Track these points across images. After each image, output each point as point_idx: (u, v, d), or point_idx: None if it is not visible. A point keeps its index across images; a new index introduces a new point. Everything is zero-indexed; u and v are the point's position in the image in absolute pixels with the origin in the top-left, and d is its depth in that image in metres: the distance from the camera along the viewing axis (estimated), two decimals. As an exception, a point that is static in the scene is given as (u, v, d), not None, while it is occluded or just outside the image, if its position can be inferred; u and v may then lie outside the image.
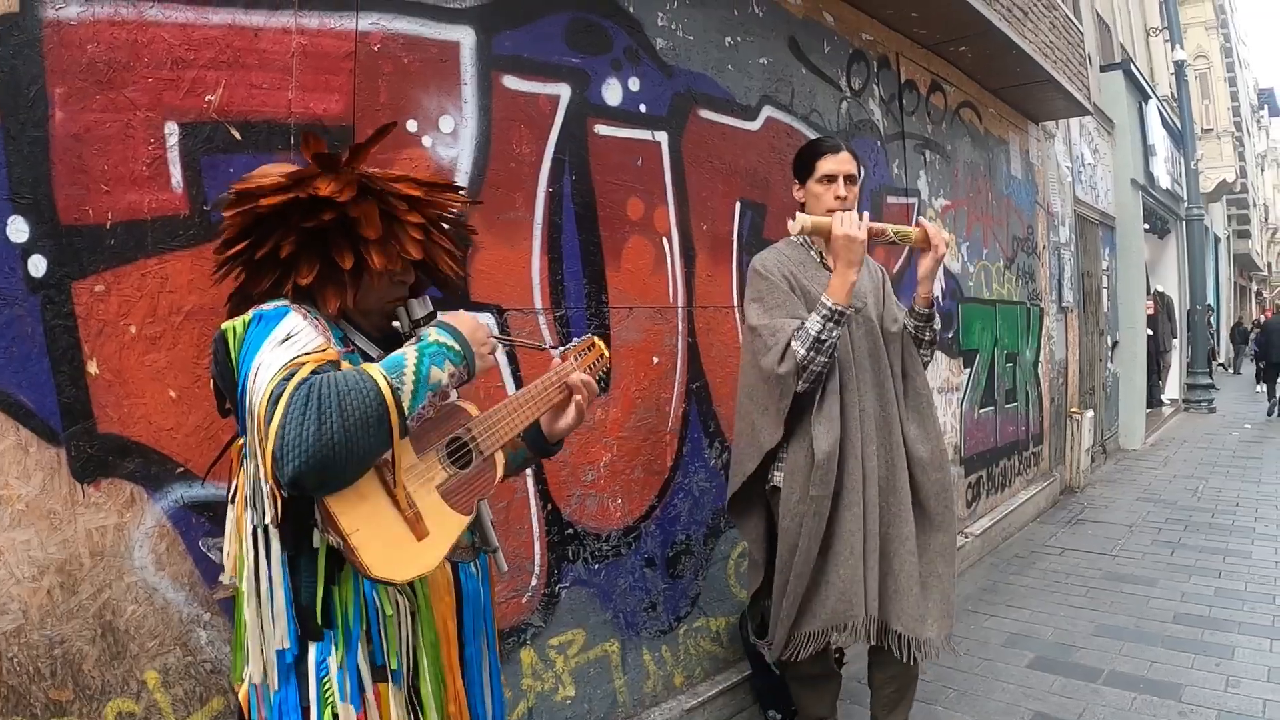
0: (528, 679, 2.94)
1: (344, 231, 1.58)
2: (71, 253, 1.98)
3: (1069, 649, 4.37)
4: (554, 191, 3.02)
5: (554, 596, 3.03)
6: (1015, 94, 6.98)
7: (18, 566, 1.87)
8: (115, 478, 2.00)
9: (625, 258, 3.28)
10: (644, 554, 3.37)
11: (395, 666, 1.57)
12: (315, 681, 1.49)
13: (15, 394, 1.87)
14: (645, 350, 3.36)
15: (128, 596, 2.02)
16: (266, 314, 1.51)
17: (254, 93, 2.27)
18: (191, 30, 2.17)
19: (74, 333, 1.97)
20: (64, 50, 1.99)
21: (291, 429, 1.31)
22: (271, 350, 1.43)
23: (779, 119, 4.13)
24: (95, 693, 1.99)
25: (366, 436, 1.36)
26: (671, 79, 3.49)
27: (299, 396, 1.33)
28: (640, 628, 3.36)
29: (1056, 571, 5.80)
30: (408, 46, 2.60)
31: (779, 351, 2.68)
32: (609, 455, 3.22)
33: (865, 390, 2.83)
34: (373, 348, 1.68)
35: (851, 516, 2.76)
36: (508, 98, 2.87)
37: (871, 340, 2.88)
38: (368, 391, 1.38)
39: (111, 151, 2.05)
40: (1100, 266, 10.19)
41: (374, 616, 1.55)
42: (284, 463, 1.31)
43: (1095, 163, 9.93)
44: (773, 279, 2.83)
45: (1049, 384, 8.10)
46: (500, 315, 2.83)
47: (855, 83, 4.82)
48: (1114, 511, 7.52)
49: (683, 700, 3.48)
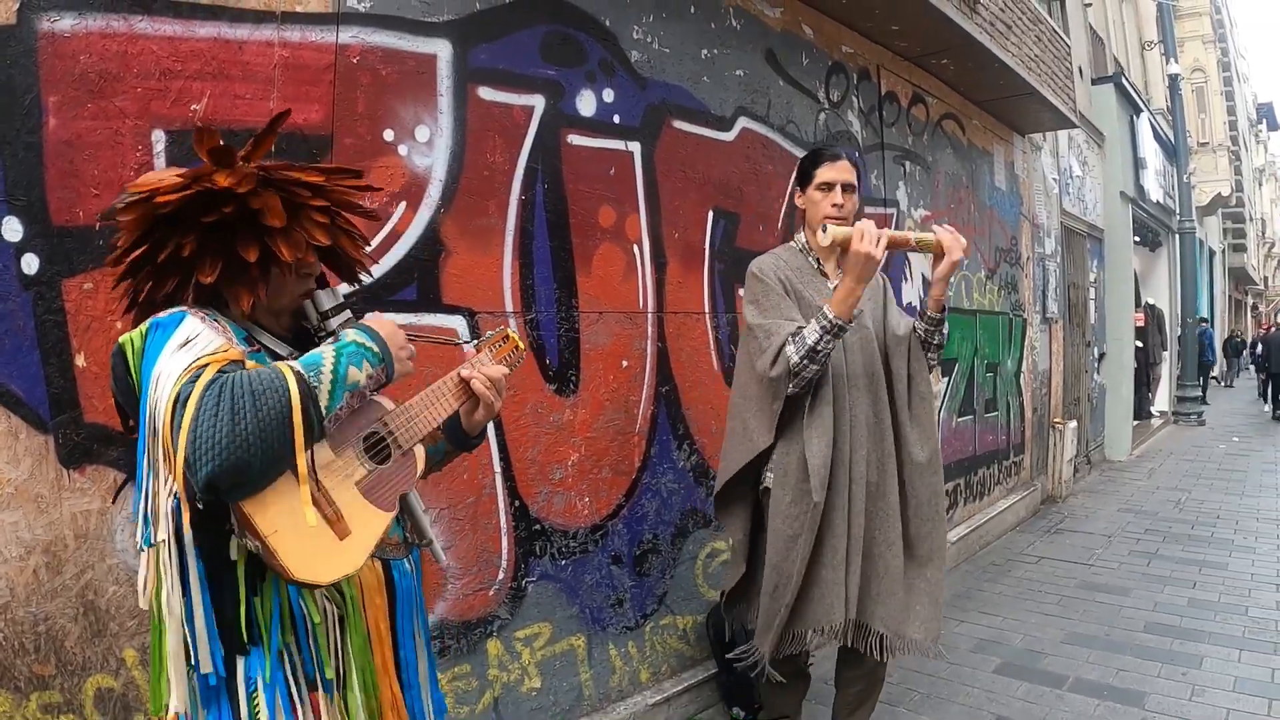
0: (494, 669, 3.09)
1: (247, 225, 1.53)
2: (62, 252, 2.15)
3: (1037, 655, 4.48)
4: (526, 199, 3.18)
5: (521, 590, 3.19)
6: (1000, 106, 7.14)
7: (5, 546, 2.04)
8: (100, 464, 2.17)
9: (596, 264, 3.44)
10: (611, 551, 3.53)
11: (329, 676, 1.54)
12: (245, 699, 1.45)
13: (7, 384, 2.04)
14: (614, 354, 3.52)
15: (109, 577, 2.19)
16: (162, 321, 1.46)
17: (238, 103, 2.44)
18: (179, 43, 2.35)
19: (63, 327, 2.14)
20: (58, 61, 2.16)
21: (204, 430, 1.28)
22: (171, 356, 1.39)
23: (754, 130, 4.30)
24: (76, 668, 2.15)
25: (282, 436, 1.34)
26: (646, 90, 3.66)
27: (210, 397, 1.30)
28: (607, 623, 3.51)
29: (1031, 580, 5.93)
30: (386, 59, 2.77)
31: (772, 355, 2.73)
32: (577, 455, 3.38)
33: (857, 397, 2.88)
34: (281, 346, 1.66)
35: (837, 519, 2.82)
36: (483, 108, 3.04)
37: (865, 347, 2.93)
38: (282, 390, 1.36)
39: (101, 157, 2.22)
40: (1087, 278, 10.34)
41: (301, 626, 1.51)
42: (198, 466, 1.28)
43: (1084, 175, 10.10)
44: (768, 282, 2.88)
45: (1031, 394, 8.27)
46: (471, 317, 2.99)
47: (834, 94, 4.99)
48: (1094, 522, 7.65)
49: (648, 695, 3.63)
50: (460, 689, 2.99)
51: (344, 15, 2.67)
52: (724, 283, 4.09)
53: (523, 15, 3.17)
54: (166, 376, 1.36)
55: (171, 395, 1.32)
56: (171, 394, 1.33)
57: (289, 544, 1.37)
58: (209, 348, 1.40)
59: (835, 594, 2.83)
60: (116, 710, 2.21)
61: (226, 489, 1.32)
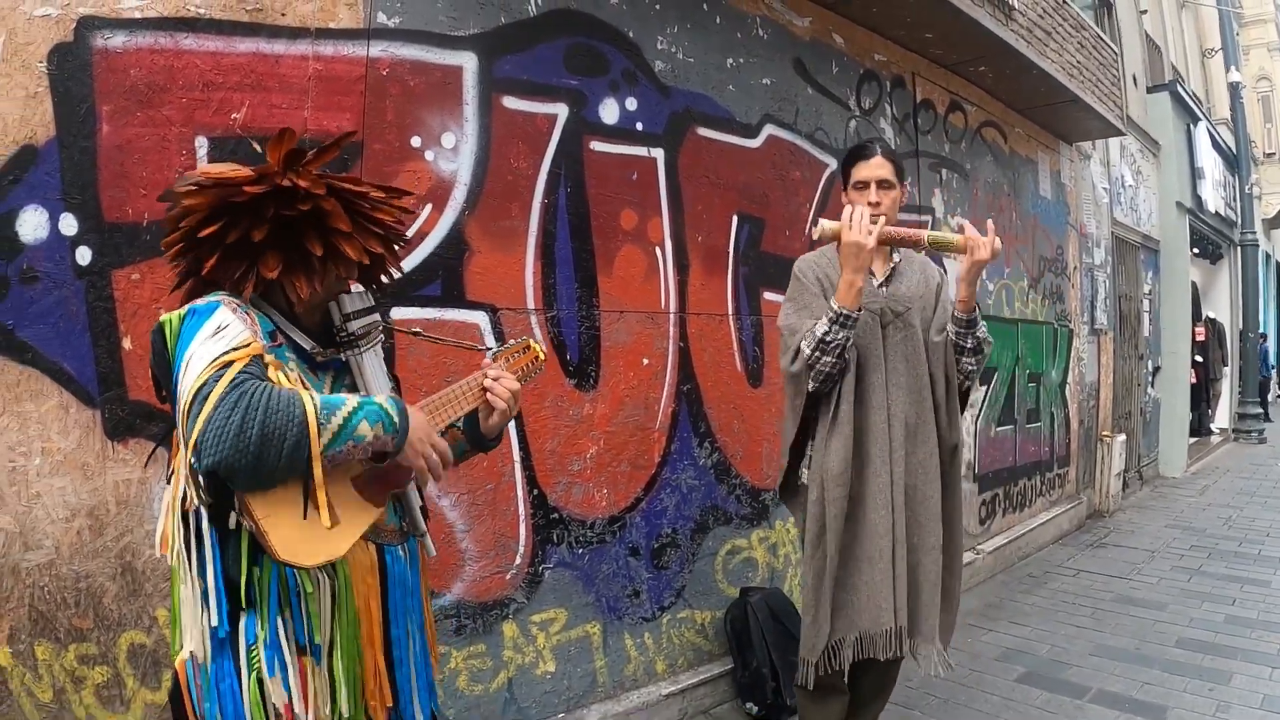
0: (509, 651, 3.28)
1: (312, 224, 1.71)
2: (113, 246, 2.41)
3: (1062, 666, 4.49)
4: (549, 202, 3.39)
5: (538, 576, 3.37)
6: (1043, 114, 7.17)
7: (54, 509, 2.31)
8: (141, 438, 2.43)
9: (618, 265, 3.63)
10: (628, 543, 3.70)
11: (317, 642, 1.68)
12: (245, 648, 1.62)
13: (60, 362, 2.31)
14: (635, 352, 3.70)
15: (146, 542, 2.44)
16: (199, 308, 1.61)
17: (274, 111, 2.68)
18: (221, 57, 2.61)
19: (112, 313, 2.40)
20: (111, 74, 2.43)
21: (213, 427, 1.42)
22: (202, 344, 1.53)
23: (781, 137, 4.46)
24: (112, 624, 2.41)
25: (277, 457, 1.46)
26: (669, 99, 3.85)
27: (229, 399, 1.44)
28: (623, 613, 3.68)
29: (1067, 592, 5.92)
30: (414, 70, 3.00)
31: (792, 351, 2.79)
32: (595, 448, 3.56)
33: (897, 395, 2.87)
34: (306, 340, 1.80)
35: (879, 519, 2.81)
36: (507, 116, 3.26)
37: (910, 346, 2.90)
38: (293, 417, 1.48)
39: (149, 161, 2.48)
40: (1141, 290, 10.26)
41: (295, 594, 1.66)
42: (202, 455, 1.43)
43: (1137, 184, 10.03)
44: (805, 280, 2.92)
45: (1078, 406, 8.25)
46: (493, 314, 3.21)
47: (865, 102, 5.12)
48: (1139, 537, 7.59)
49: (663, 686, 3.79)
50: (475, 668, 3.18)
51: (375, 30, 2.90)
52: (748, 286, 4.25)
53: (546, 28, 3.37)
54: (196, 361, 1.51)
55: (195, 385, 1.47)
56: (196, 384, 1.47)
57: (279, 529, 1.51)
58: (236, 340, 1.54)
59: (884, 597, 2.80)
60: (147, 665, 2.46)
61: (225, 478, 1.47)
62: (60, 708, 2.33)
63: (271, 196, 1.68)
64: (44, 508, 2.29)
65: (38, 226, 2.30)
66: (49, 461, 2.30)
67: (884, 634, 2.80)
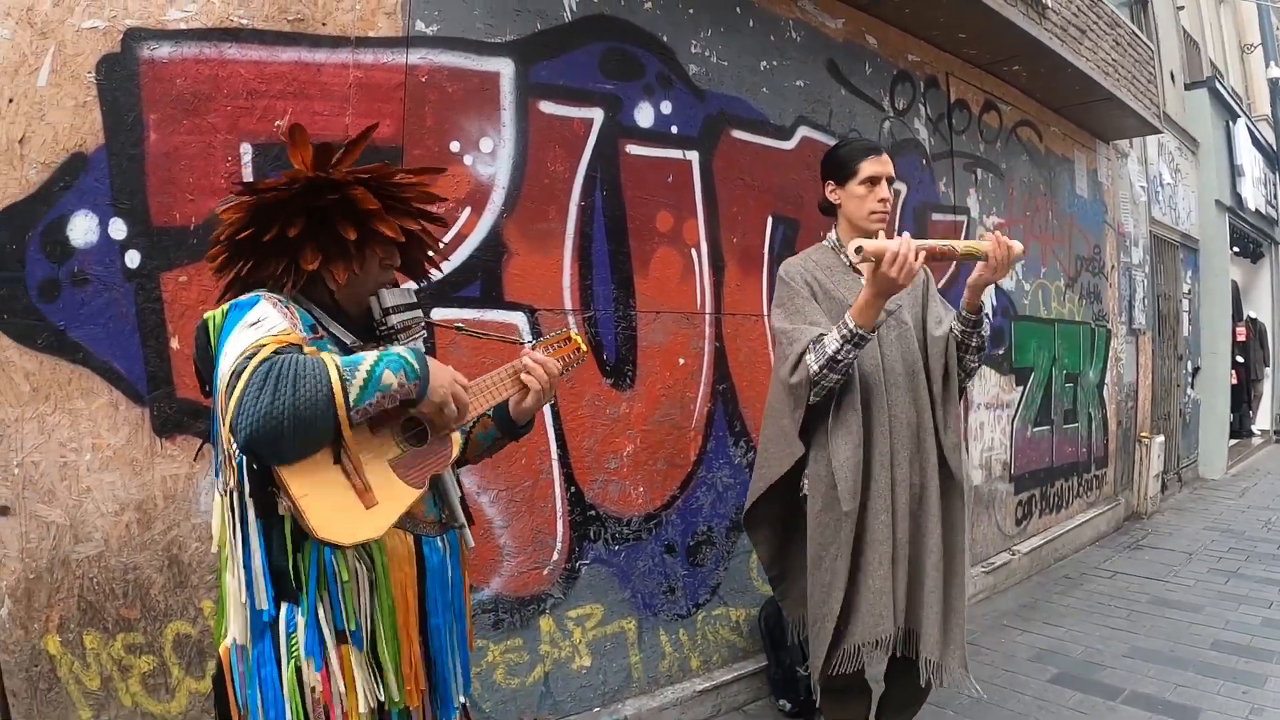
0: (545, 645, 3.30)
1: (345, 212, 1.75)
2: (161, 249, 2.47)
3: (1095, 668, 4.42)
4: (586, 205, 3.41)
5: (574, 572, 3.39)
6: (1078, 112, 7.07)
7: (103, 502, 2.37)
8: (188, 435, 2.49)
9: (653, 266, 3.65)
10: (664, 540, 3.71)
11: (354, 628, 1.69)
12: (285, 637, 1.64)
13: (110, 361, 2.37)
14: (671, 352, 3.71)
15: (193, 535, 2.50)
16: (240, 303, 1.66)
17: (316, 118, 2.73)
18: (264, 66, 2.66)
19: (160, 314, 2.46)
20: (157, 84, 2.49)
21: (248, 400, 1.45)
22: (239, 333, 1.58)
23: (815, 138, 4.43)
24: (159, 615, 2.47)
25: (312, 418, 1.49)
26: (704, 102, 3.85)
27: (259, 373, 1.48)
28: (658, 609, 3.69)
29: (1102, 594, 5.83)
30: (452, 77, 3.03)
31: (792, 362, 2.63)
32: (632, 446, 3.57)
33: (897, 395, 2.75)
34: (347, 334, 1.83)
35: (880, 525, 2.69)
36: (543, 121, 3.28)
37: (905, 344, 2.80)
38: (320, 376, 1.51)
39: (195, 167, 2.54)
40: (1180, 289, 10.09)
41: (333, 582, 1.67)
42: (238, 430, 1.46)
43: (1175, 183, 9.87)
44: (794, 285, 2.79)
45: (1115, 407, 8.13)
46: (531, 314, 3.23)
47: (900, 102, 5.09)
48: (1177, 539, 7.46)
49: (697, 682, 3.79)
50: (512, 661, 3.20)
51: (413, 38, 2.94)
52: (783, 287, 4.23)
53: (581, 34, 3.40)
54: (233, 349, 1.55)
55: (231, 368, 1.51)
56: (231, 367, 1.51)
57: (317, 507, 1.54)
58: (274, 329, 1.58)
59: (884, 604, 2.68)
60: (192, 655, 2.52)
61: (264, 454, 1.50)
62: (107, 695, 2.38)
63: (300, 193, 1.72)
64: (94, 502, 2.35)
65: (88, 231, 2.36)
66: (99, 457, 2.35)
67: (884, 640, 2.70)
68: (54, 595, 2.31)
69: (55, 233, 2.32)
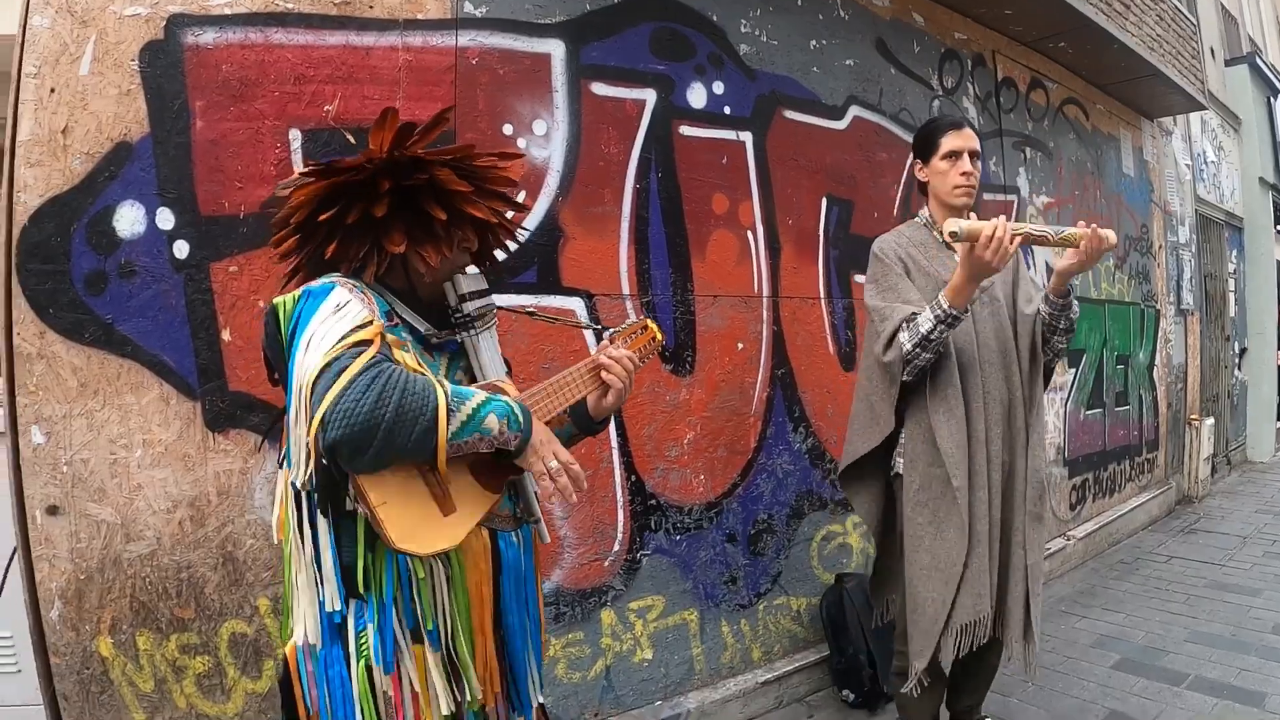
0: (607, 638, 3.14)
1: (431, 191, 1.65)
2: (210, 239, 2.32)
3: (1158, 653, 4.25)
4: (641, 188, 3.23)
5: (635, 563, 3.23)
6: (1124, 89, 6.81)
7: (155, 500, 2.22)
8: (242, 429, 2.34)
9: (710, 249, 3.46)
10: (725, 529, 3.53)
11: (430, 628, 1.62)
12: (354, 637, 1.57)
13: (160, 355, 2.23)
14: (729, 336, 3.53)
15: (247, 532, 2.35)
16: (314, 289, 1.56)
17: (366, 103, 2.58)
18: (311, 50, 2.51)
19: (210, 306, 2.31)
20: (202, 70, 2.35)
21: (348, 400, 1.36)
22: (324, 322, 1.47)
23: (866, 118, 4.23)
24: (214, 613, 2.33)
25: (406, 438, 1.40)
26: (756, 82, 3.66)
27: (367, 375, 1.38)
28: (720, 600, 3.51)
29: (1160, 578, 5.62)
30: (503, 59, 2.87)
31: (885, 340, 2.60)
32: (692, 433, 3.40)
33: (990, 372, 2.70)
34: (421, 322, 1.72)
35: (979, 502, 2.63)
36: (596, 103, 3.11)
37: (997, 320, 2.75)
38: (428, 401, 1.42)
39: (244, 154, 2.39)
40: (1226, 269, 9.73)
41: (407, 581, 1.60)
42: (329, 428, 1.35)
43: (1219, 160, 9.51)
44: (887, 261, 2.74)
45: (1165, 389, 7.82)
46: (589, 299, 3.07)
47: (948, 81, 4.86)
48: (1230, 523, 7.18)
49: (759, 674, 3.61)
50: (573, 655, 3.05)
51: (462, 20, 2.78)
52: (839, 269, 4.04)
53: (631, 14, 3.22)
54: (321, 339, 1.44)
55: (324, 360, 1.40)
56: (324, 359, 1.41)
57: (395, 516, 1.45)
58: (358, 318, 1.48)
59: (983, 583, 2.62)
60: (248, 654, 2.37)
61: (344, 457, 1.39)
62: (161, 697, 2.26)
63: (385, 173, 1.62)
64: (145, 499, 2.22)
65: (134, 221, 2.24)
66: (150, 453, 2.22)
67: (983, 619, 2.62)
68: (105, 596, 2.18)
69: (101, 224, 2.19)
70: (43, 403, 2.12)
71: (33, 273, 2.12)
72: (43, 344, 2.13)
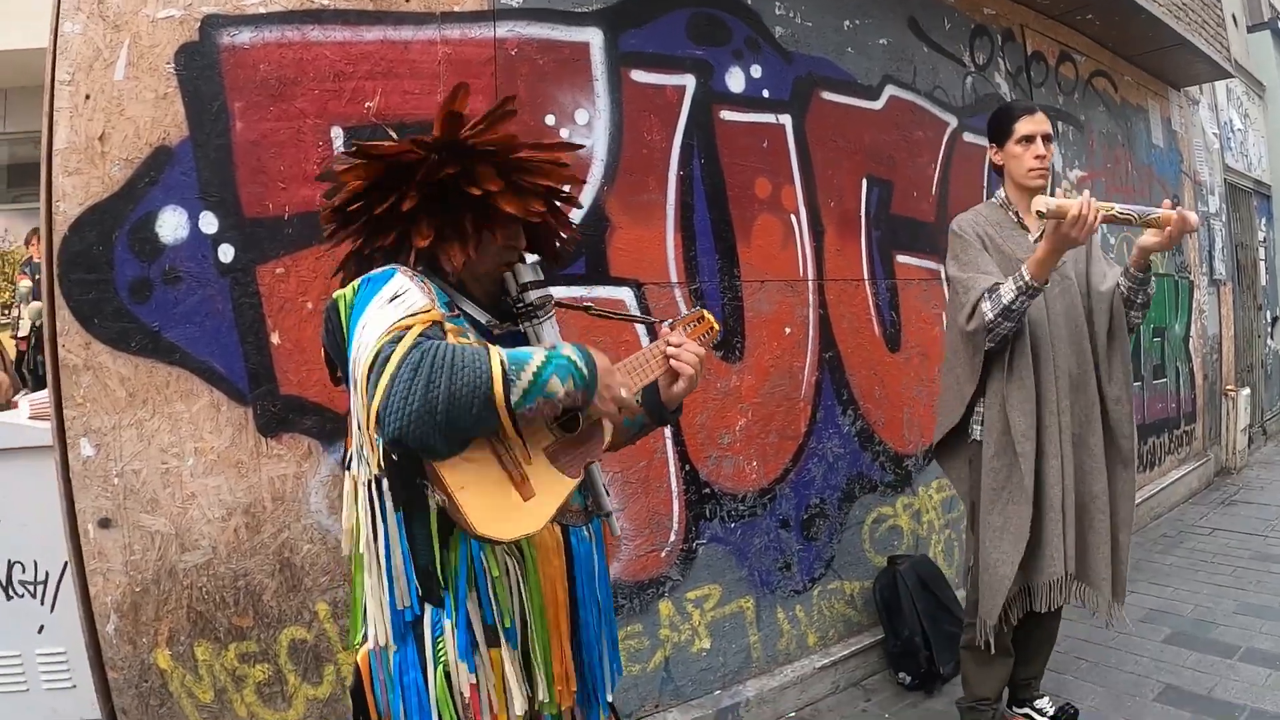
0: (665, 629, 3.01)
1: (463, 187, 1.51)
2: (255, 241, 2.20)
3: (1208, 626, 4.11)
4: (684, 174, 3.09)
5: (691, 552, 3.09)
6: (1150, 60, 6.56)
7: (209, 508, 2.11)
8: (295, 433, 2.22)
9: (755, 234, 3.32)
10: (779, 515, 3.38)
11: (508, 626, 1.52)
12: (430, 640, 1.46)
13: (209, 361, 2.11)
14: (777, 321, 3.38)
15: (304, 537, 2.23)
16: (373, 276, 1.44)
17: (407, 98, 2.46)
18: (349, 47, 2.38)
19: (258, 309, 2.19)
20: (240, 70, 2.22)
21: (398, 391, 1.25)
22: (379, 309, 1.37)
23: (902, 97, 4.05)
24: (272, 621, 2.21)
25: (467, 415, 1.29)
26: (792, 64, 3.50)
27: (411, 360, 1.26)
28: (775, 586, 3.37)
29: (1204, 551, 5.45)
30: (541, 49, 2.74)
31: (969, 310, 2.62)
32: (744, 420, 3.26)
33: (1060, 346, 2.71)
34: (481, 313, 1.61)
35: (1052, 470, 2.66)
36: (636, 90, 2.97)
37: (1068, 298, 2.75)
38: (481, 372, 1.30)
39: (286, 154, 2.27)
40: (1256, 238, 9.41)
41: (482, 578, 1.49)
42: (386, 424, 1.25)
43: (1246, 128, 9.20)
44: (966, 237, 2.77)
45: (1201, 360, 7.55)
46: (638, 288, 2.93)
47: (979, 57, 4.67)
48: (1270, 493, 6.95)
49: (815, 659, 3.47)
50: (632, 648, 2.94)
51: (499, 11, 2.66)
52: (881, 250, 3.87)
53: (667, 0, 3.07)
54: (372, 328, 1.34)
55: (373, 352, 1.30)
56: (373, 350, 1.30)
57: (474, 501, 1.34)
58: (414, 306, 1.37)
59: (1055, 547, 2.66)
60: (308, 660, 2.26)
61: (413, 448, 1.29)
62: (221, 707, 2.16)
63: (420, 164, 1.49)
64: (199, 508, 2.11)
65: (178, 227, 2.12)
66: (202, 461, 2.11)
67: (1055, 582, 2.67)
68: (162, 607, 2.07)
69: (143, 230, 2.08)
70: (91, 414, 2.01)
71: (76, 283, 2.01)
72: (89, 355, 2.01)
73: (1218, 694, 3.35)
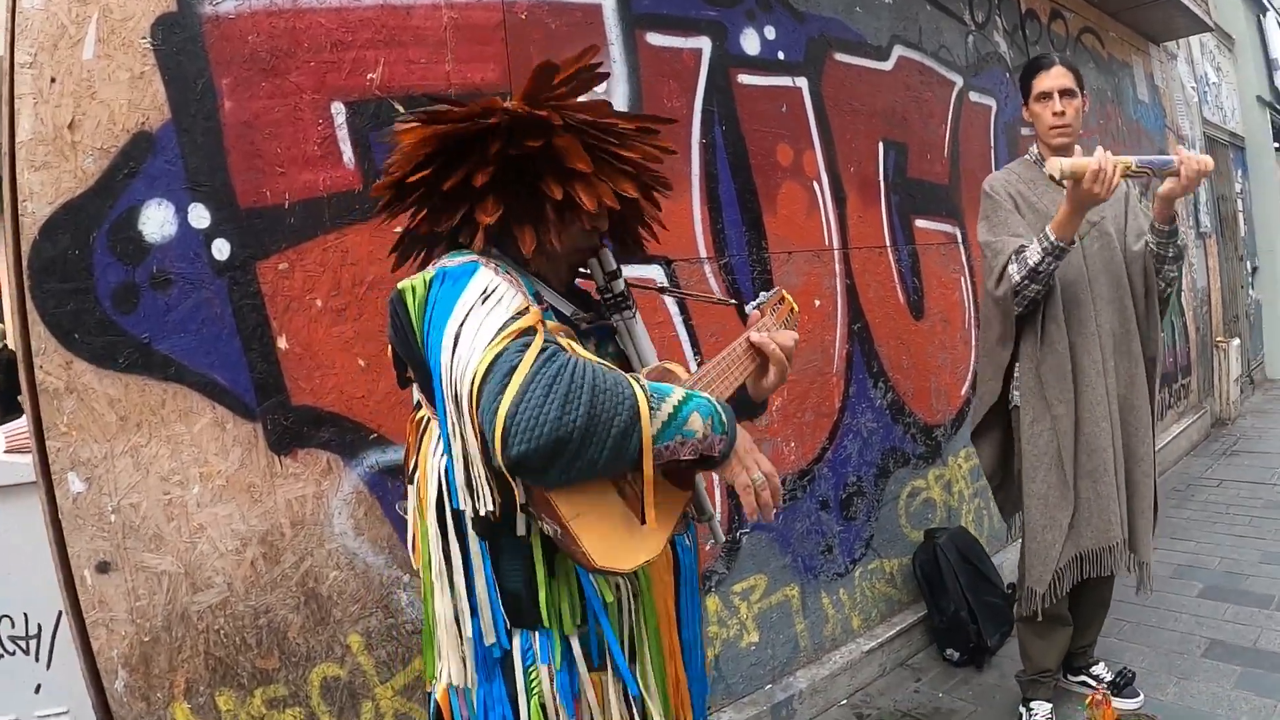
0: (714, 626, 2.73)
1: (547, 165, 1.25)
2: (253, 234, 1.87)
3: (1238, 577, 3.97)
4: (707, 142, 2.79)
5: (735, 543, 2.81)
6: (1132, 15, 6.32)
7: (220, 540, 1.78)
8: (311, 448, 1.89)
9: (780, 203, 3.01)
10: (818, 497, 3.10)
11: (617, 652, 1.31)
12: (522, 672, 1.25)
13: (209, 373, 1.77)
14: (807, 293, 3.09)
15: (329, 563, 1.91)
16: (452, 271, 1.20)
17: (413, 68, 2.13)
18: (346, 13, 2.05)
19: (261, 310, 1.86)
20: (225, 43, 1.88)
21: (530, 406, 1.01)
22: (475, 311, 1.13)
23: (910, 57, 3.76)
24: (301, 659, 1.89)
25: (602, 444, 1.05)
26: (804, 24, 3.18)
27: (546, 374, 1.03)
28: (818, 571, 3.10)
29: (1216, 503, 5.28)
30: (553, 12, 2.42)
31: (997, 273, 2.49)
32: (780, 399, 2.97)
33: (1102, 305, 2.57)
34: (563, 303, 1.38)
35: (1101, 433, 2.53)
36: (653, 54, 2.65)
37: (1108, 254, 2.60)
38: (624, 398, 1.07)
39: (283, 135, 1.93)
40: (1234, 189, 9.20)
41: (596, 605, 1.27)
42: (511, 442, 1.01)
43: (1220, 81, 8.97)
44: (997, 198, 2.62)
45: (1193, 313, 7.36)
46: (668, 265, 2.63)
47: (979, 15, 4.36)
48: (1268, 441, 6.81)
49: (861, 643, 3.21)
50: (684, 651, 2.64)
51: (506, -29, 2.31)
52: (900, 215, 3.58)
53: (679, -44, 2.74)
54: (474, 332, 1.09)
55: (488, 358, 1.05)
56: (488, 357, 1.05)
57: (592, 530, 1.11)
58: (513, 304, 1.13)
59: (1111, 511, 2.51)
60: (344, 699, 1.94)
61: (529, 473, 1.04)
62: (252, 761, 1.83)
63: (499, 133, 1.22)
64: (209, 541, 1.77)
65: (164, 222, 1.77)
66: (209, 488, 1.77)
67: (1111, 549, 2.53)
68: (176, 656, 1.74)
69: (125, 229, 1.73)
70: (78, 444, 1.66)
71: (51, 293, 1.65)
72: (71, 376, 1.66)
73: (1263, 645, 3.23)
